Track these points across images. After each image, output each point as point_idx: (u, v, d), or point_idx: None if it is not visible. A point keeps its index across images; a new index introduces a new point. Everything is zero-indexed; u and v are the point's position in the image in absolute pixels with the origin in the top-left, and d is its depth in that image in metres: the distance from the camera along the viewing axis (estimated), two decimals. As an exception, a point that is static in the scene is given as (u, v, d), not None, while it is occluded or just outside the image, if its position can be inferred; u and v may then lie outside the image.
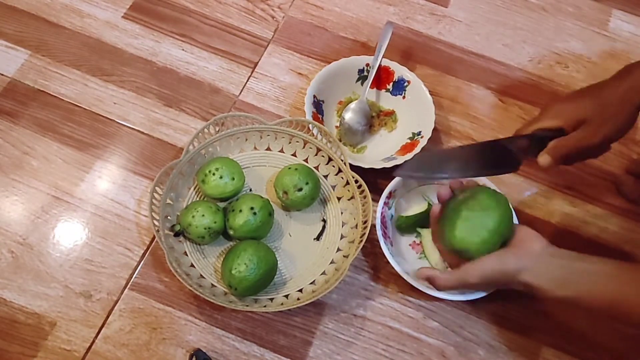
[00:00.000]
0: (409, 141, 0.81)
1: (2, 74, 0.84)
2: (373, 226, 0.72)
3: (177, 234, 0.72)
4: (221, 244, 0.74)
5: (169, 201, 0.73)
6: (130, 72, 0.86)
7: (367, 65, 0.84)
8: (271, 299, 0.70)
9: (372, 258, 0.75)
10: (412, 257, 0.76)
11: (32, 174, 0.77)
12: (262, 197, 0.73)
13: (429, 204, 0.77)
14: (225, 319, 0.70)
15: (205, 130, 0.75)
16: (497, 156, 0.67)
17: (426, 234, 0.76)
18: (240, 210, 0.70)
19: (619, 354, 0.72)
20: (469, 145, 0.68)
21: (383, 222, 0.73)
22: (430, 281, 0.65)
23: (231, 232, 0.71)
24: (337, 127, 0.85)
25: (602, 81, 0.66)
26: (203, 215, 0.70)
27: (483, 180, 0.74)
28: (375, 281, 0.74)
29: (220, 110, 0.84)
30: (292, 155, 0.80)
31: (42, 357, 0.67)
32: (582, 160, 0.68)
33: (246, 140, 0.79)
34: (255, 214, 0.70)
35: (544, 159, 0.65)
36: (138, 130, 0.82)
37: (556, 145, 0.65)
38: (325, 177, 0.78)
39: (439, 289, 0.65)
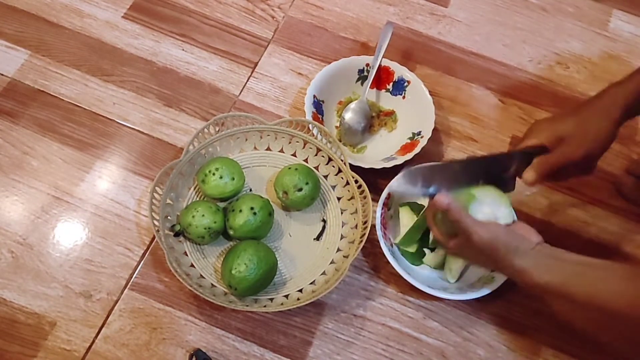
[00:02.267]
0: (409, 141, 0.81)
1: (2, 74, 0.84)
2: (373, 226, 0.72)
3: (177, 234, 0.72)
4: (221, 244, 0.74)
5: (169, 201, 0.73)
6: (130, 72, 0.86)
7: (367, 65, 0.84)
8: (271, 299, 0.70)
9: (372, 258, 0.75)
10: (412, 257, 0.76)
11: (32, 174, 0.77)
12: (262, 197, 0.73)
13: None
14: (225, 319, 0.70)
15: (205, 130, 0.75)
16: (487, 171, 0.68)
17: (404, 212, 0.76)
18: (240, 210, 0.70)
19: (618, 355, 0.72)
20: (459, 160, 0.69)
21: (383, 222, 0.73)
22: (442, 202, 0.62)
23: (231, 232, 0.71)
24: (337, 127, 0.85)
25: (583, 101, 0.68)
26: (203, 215, 0.70)
27: None
28: (375, 281, 0.74)
29: (220, 110, 0.84)
30: (292, 155, 0.80)
31: (42, 357, 0.67)
32: (568, 177, 0.69)
33: (246, 140, 0.79)
34: (255, 214, 0.70)
35: (529, 175, 0.67)
36: (138, 130, 0.82)
37: (539, 162, 0.66)
38: (325, 177, 0.78)
39: (449, 207, 0.62)
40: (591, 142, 0.65)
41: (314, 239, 0.76)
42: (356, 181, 0.74)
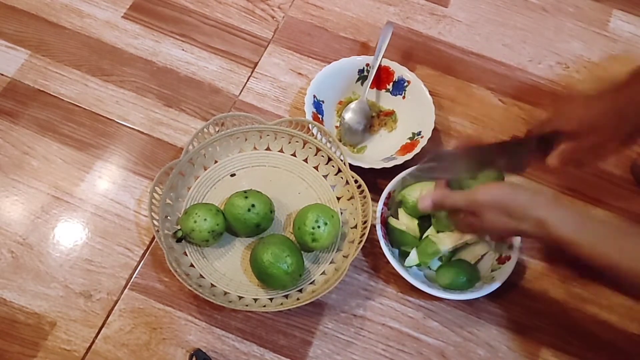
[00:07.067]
0: (409, 141, 0.81)
1: (2, 74, 0.84)
2: (373, 226, 0.72)
3: (179, 240, 0.71)
4: (220, 244, 0.74)
5: (168, 201, 0.73)
6: (130, 72, 0.86)
7: (367, 65, 0.84)
8: (271, 299, 0.70)
9: (372, 258, 0.75)
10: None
11: (32, 174, 0.77)
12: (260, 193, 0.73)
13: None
14: (225, 319, 0.70)
15: (205, 130, 0.75)
16: (505, 157, 0.66)
17: (403, 213, 0.76)
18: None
19: (619, 354, 0.72)
20: (477, 146, 0.66)
21: (383, 222, 0.73)
22: (438, 199, 0.62)
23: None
24: (337, 127, 0.85)
25: (616, 83, 0.63)
26: (205, 220, 0.69)
27: None
28: (375, 281, 0.74)
29: (220, 110, 0.84)
30: (291, 155, 0.80)
31: (42, 357, 0.67)
32: (588, 164, 0.67)
33: (246, 140, 0.79)
34: (248, 210, 0.71)
35: (553, 161, 0.63)
36: (138, 130, 0.82)
37: (566, 150, 0.62)
38: (325, 177, 0.78)
39: (446, 204, 0.62)
40: (627, 135, 0.61)
41: (314, 239, 0.76)
42: (356, 181, 0.74)
